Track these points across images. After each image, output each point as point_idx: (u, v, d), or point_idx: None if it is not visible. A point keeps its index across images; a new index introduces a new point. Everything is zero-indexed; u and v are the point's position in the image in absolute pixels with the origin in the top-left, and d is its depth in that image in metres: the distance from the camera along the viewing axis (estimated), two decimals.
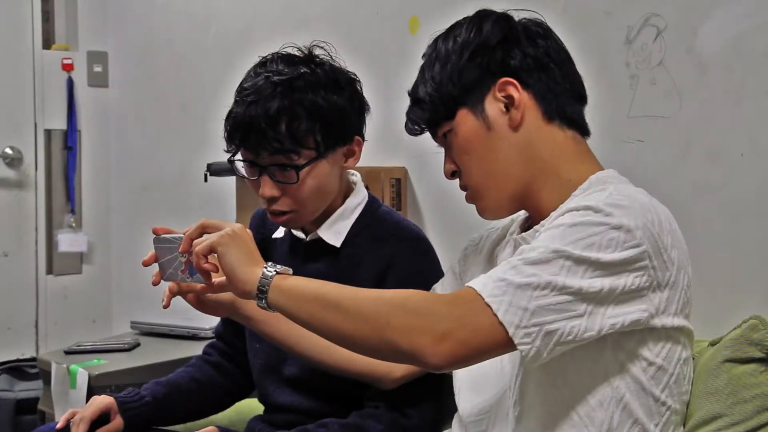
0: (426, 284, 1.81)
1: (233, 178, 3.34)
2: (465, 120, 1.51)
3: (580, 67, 1.59)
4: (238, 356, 2.13)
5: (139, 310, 4.12)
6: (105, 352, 3.31)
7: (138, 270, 4.43)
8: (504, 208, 1.56)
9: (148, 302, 4.06)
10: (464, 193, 1.58)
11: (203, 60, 4.00)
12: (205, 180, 3.40)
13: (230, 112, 1.84)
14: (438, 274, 1.87)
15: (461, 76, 1.51)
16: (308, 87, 1.81)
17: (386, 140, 2.77)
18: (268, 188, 1.83)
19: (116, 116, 4.57)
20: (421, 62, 1.60)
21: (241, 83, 1.87)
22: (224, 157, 1.87)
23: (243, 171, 1.87)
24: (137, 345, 3.42)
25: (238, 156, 1.85)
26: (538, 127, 1.51)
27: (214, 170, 3.35)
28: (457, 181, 1.58)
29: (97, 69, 4.55)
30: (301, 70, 1.84)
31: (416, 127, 1.58)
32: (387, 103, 2.37)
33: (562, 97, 1.53)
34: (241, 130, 1.80)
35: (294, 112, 1.79)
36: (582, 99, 1.57)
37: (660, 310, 1.36)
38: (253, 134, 1.79)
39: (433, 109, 1.53)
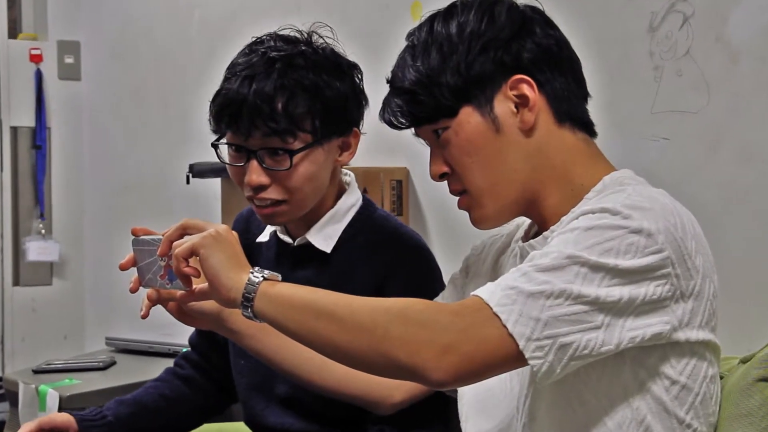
0: (428, 298, 1.80)
1: (218, 180, 3.34)
2: (470, 118, 1.50)
3: (599, 58, 1.60)
4: (213, 371, 2.13)
5: (114, 325, 4.13)
6: (77, 371, 3.32)
7: (114, 282, 4.42)
8: (504, 217, 1.56)
9: (125, 317, 4.06)
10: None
11: (185, 50, 4.01)
12: (188, 182, 3.41)
13: (219, 89, 1.84)
14: (441, 286, 1.87)
15: (470, 70, 1.49)
16: (309, 66, 1.82)
17: (386, 138, 2.77)
18: (256, 174, 1.82)
19: (90, 112, 4.57)
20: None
21: (233, 60, 1.87)
22: (208, 157, 1.87)
23: (227, 157, 1.88)
24: (113, 363, 3.43)
25: (224, 140, 1.86)
26: (549, 130, 1.51)
27: (198, 171, 3.35)
28: None
29: (69, 60, 4.56)
30: (302, 48, 1.85)
31: (403, 120, 1.54)
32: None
33: (572, 96, 1.53)
34: (231, 108, 1.80)
35: (293, 91, 1.79)
36: (586, 96, 1.57)
37: (683, 322, 1.36)
38: (246, 113, 1.78)
39: (430, 103, 1.50)
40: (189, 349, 2.19)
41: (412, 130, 1.58)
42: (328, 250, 1.92)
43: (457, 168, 1.52)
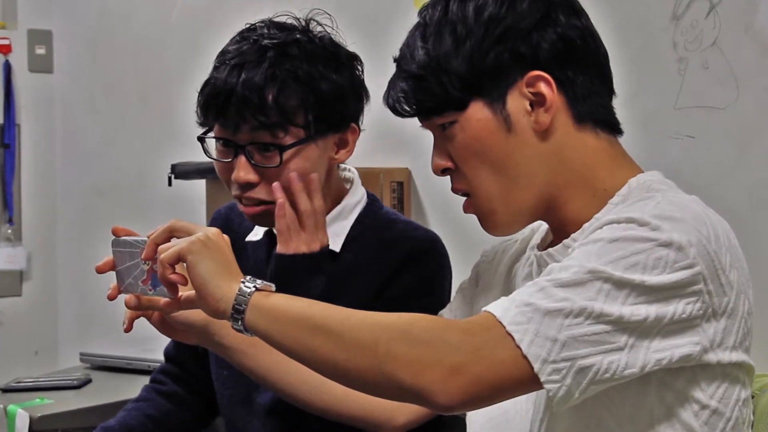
0: (434, 292, 1.82)
1: (203, 182, 3.33)
2: (479, 114, 1.49)
3: (617, 49, 1.59)
4: (196, 383, 2.13)
5: (90, 339, 4.11)
6: (50, 389, 3.30)
7: (89, 293, 4.40)
8: (520, 224, 1.56)
9: (101, 330, 4.05)
10: None
11: (167, 41, 4.00)
12: (170, 184, 3.40)
13: (208, 79, 1.86)
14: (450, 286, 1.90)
15: (484, 59, 1.47)
16: (303, 56, 1.84)
17: (386, 135, 2.77)
18: (244, 171, 1.84)
19: (63, 107, 4.56)
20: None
21: (224, 48, 1.89)
22: (192, 157, 1.89)
23: (214, 152, 1.89)
24: (88, 381, 3.41)
25: (211, 134, 1.87)
26: (567, 133, 1.50)
27: (180, 172, 3.34)
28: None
29: (40, 51, 4.55)
30: (297, 36, 1.86)
31: (407, 108, 1.53)
32: None
33: (595, 95, 1.51)
34: (219, 98, 1.82)
35: (285, 81, 1.81)
36: (612, 93, 1.56)
37: (715, 343, 1.36)
38: (234, 104, 1.80)
39: (437, 92, 1.49)
40: (165, 362, 2.18)
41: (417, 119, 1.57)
42: (338, 249, 1.94)
43: (463, 167, 1.52)
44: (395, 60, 1.57)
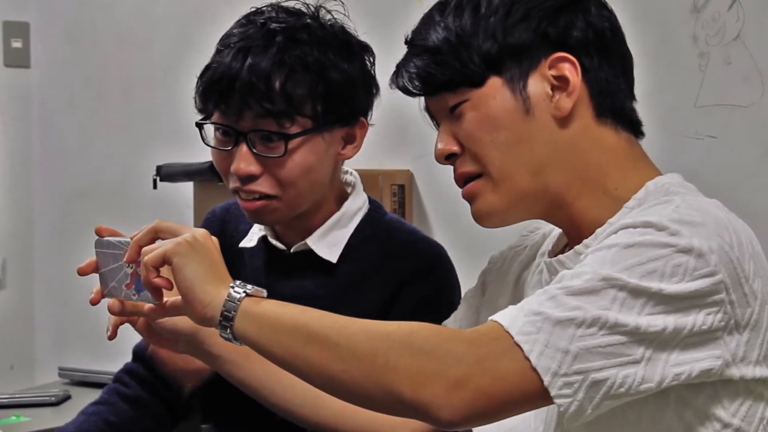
0: (441, 311, 1.82)
1: (190, 185, 3.33)
2: (496, 93, 1.49)
3: (634, 43, 1.59)
4: (162, 387, 2.11)
5: (69, 353, 4.12)
6: (26, 406, 3.31)
7: (68, 303, 4.39)
8: (515, 215, 1.55)
9: (81, 343, 4.06)
10: None
11: (151, 33, 4.01)
12: (155, 186, 3.40)
13: (209, 63, 1.85)
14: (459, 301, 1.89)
15: (507, 36, 1.49)
16: (313, 42, 1.84)
17: (387, 135, 2.77)
18: (245, 163, 1.83)
19: (41, 104, 4.57)
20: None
21: (227, 31, 1.88)
22: (179, 158, 1.88)
23: (212, 140, 1.89)
24: (67, 398, 3.42)
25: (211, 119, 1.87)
26: (586, 125, 1.50)
27: (166, 174, 3.34)
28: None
29: (16, 44, 4.55)
30: (307, 21, 1.87)
31: (418, 83, 1.54)
32: (387, 88, 2.36)
33: (619, 91, 1.52)
34: (221, 84, 1.81)
35: (293, 68, 1.81)
36: (633, 98, 1.57)
37: (738, 356, 1.35)
38: (238, 90, 1.80)
39: (454, 66, 1.50)
40: (133, 360, 2.16)
41: (422, 105, 1.57)
42: (334, 260, 1.93)
43: (471, 146, 1.52)
44: (406, 41, 1.57)
